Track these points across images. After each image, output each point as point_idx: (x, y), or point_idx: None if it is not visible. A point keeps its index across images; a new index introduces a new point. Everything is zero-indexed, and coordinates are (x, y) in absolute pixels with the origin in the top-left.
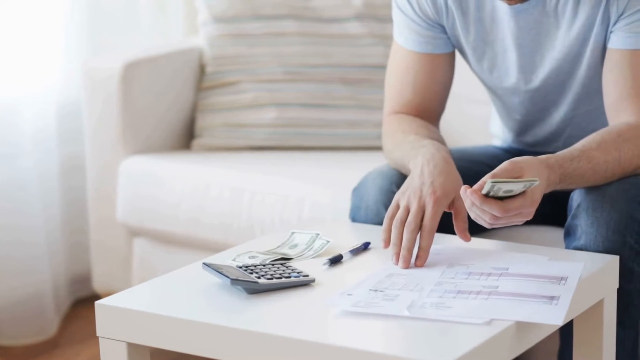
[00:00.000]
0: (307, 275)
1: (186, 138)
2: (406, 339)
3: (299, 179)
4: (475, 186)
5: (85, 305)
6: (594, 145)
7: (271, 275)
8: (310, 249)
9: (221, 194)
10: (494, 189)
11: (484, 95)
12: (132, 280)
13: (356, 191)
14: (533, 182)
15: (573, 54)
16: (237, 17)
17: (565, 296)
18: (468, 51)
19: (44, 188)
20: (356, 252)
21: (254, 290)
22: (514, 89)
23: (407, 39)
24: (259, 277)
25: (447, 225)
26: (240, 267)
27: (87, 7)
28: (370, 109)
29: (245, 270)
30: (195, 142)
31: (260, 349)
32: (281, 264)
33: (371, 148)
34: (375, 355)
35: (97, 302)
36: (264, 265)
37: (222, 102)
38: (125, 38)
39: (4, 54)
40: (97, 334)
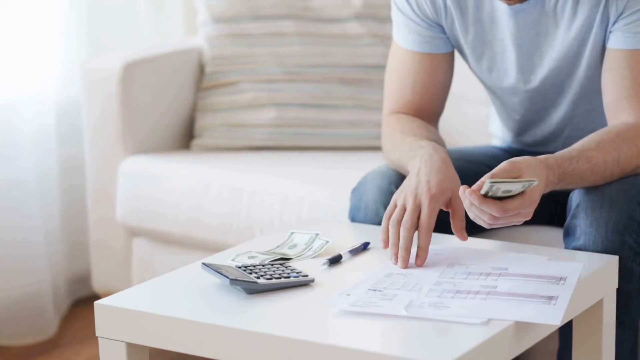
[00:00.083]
0: (307, 276)
1: (186, 138)
2: (405, 339)
3: (298, 179)
4: (474, 186)
5: (84, 305)
6: (593, 145)
7: (270, 275)
8: (309, 249)
9: (221, 194)
10: (493, 189)
11: (484, 95)
12: (131, 281)
13: (355, 191)
14: (532, 182)
15: (572, 54)
16: (237, 17)
17: (564, 296)
18: (467, 51)
19: (44, 188)
20: (355, 252)
21: (254, 290)
22: (513, 89)
23: (407, 39)
24: (258, 277)
25: (447, 225)
26: (240, 267)
27: (87, 7)
28: (370, 109)
29: (245, 271)
30: (195, 142)
31: (260, 349)
32: (280, 264)
33: (370, 148)
34: (374, 355)
35: (96, 302)
36: (263, 266)
37: (221, 102)
38: (125, 38)
39: (3, 54)
40: (97, 334)
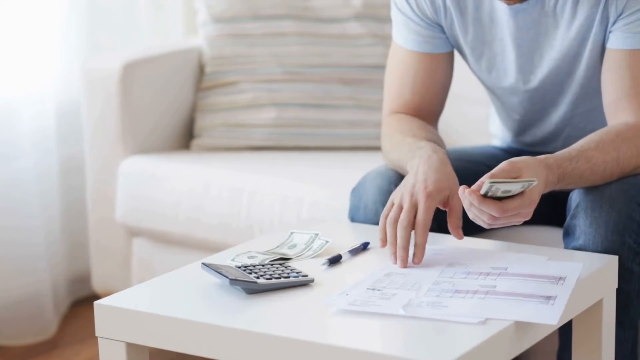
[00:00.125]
0: (306, 275)
1: (185, 138)
2: (405, 339)
3: (298, 179)
4: (474, 186)
5: (84, 305)
6: (593, 145)
7: (270, 275)
8: (309, 249)
9: (220, 194)
10: (492, 189)
11: (483, 95)
12: (131, 280)
13: (355, 191)
14: (531, 183)
15: (572, 54)
16: (237, 17)
17: (562, 296)
18: (466, 51)
19: (43, 188)
20: (355, 252)
21: (253, 290)
22: (512, 88)
23: (406, 39)
24: (258, 277)
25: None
26: (239, 267)
27: (86, 7)
28: (370, 109)
29: (244, 270)
30: (195, 142)
31: (259, 349)
32: (280, 264)
33: (370, 148)
34: (374, 355)
35: (96, 302)
36: (263, 265)
37: (221, 102)
38: (125, 38)
39: (3, 55)
40: (96, 334)
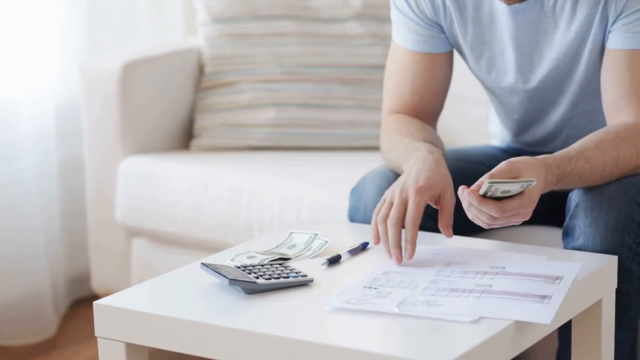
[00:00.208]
0: (306, 276)
1: (185, 138)
2: (404, 339)
3: (297, 179)
4: (473, 186)
5: (84, 305)
6: (592, 145)
7: (269, 275)
8: (308, 249)
9: (220, 194)
10: (492, 189)
11: (483, 95)
12: (130, 280)
13: (354, 191)
14: (530, 183)
15: (571, 54)
16: (236, 17)
17: (558, 296)
18: (466, 51)
19: (43, 188)
20: (355, 252)
21: (253, 290)
22: (512, 88)
23: (406, 39)
24: (257, 277)
25: None
26: (239, 267)
27: (86, 8)
28: (369, 109)
29: (244, 271)
30: (194, 142)
31: (259, 349)
32: (280, 264)
33: (370, 148)
34: (373, 355)
35: (95, 302)
36: (263, 266)
37: (220, 102)
38: (124, 38)
39: (3, 55)
40: (96, 334)
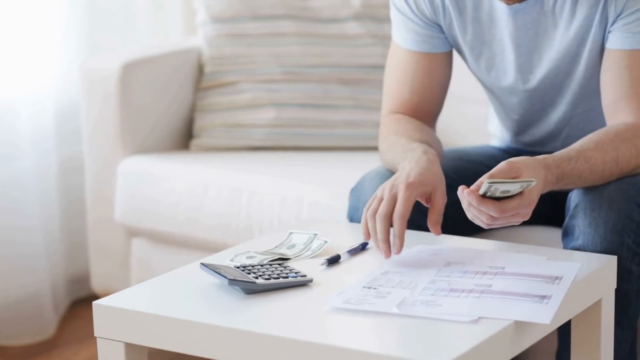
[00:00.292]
0: (305, 276)
1: (185, 138)
2: (404, 339)
3: (297, 179)
4: (473, 186)
5: (83, 306)
6: (592, 146)
7: (269, 275)
8: (308, 249)
9: (219, 194)
10: (491, 190)
11: (482, 95)
12: (130, 281)
13: (354, 191)
14: (530, 183)
15: (571, 54)
16: (236, 17)
17: (557, 296)
18: (465, 50)
19: (42, 188)
20: (354, 252)
21: (252, 290)
22: (511, 88)
23: (405, 38)
24: (256, 277)
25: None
26: (238, 267)
27: (86, 8)
28: (369, 109)
29: (243, 271)
30: (194, 143)
31: (258, 349)
32: (279, 264)
33: (369, 148)
34: (372, 355)
35: (94, 302)
36: (262, 266)
37: (220, 102)
38: (124, 38)
39: (2, 55)
40: (95, 334)
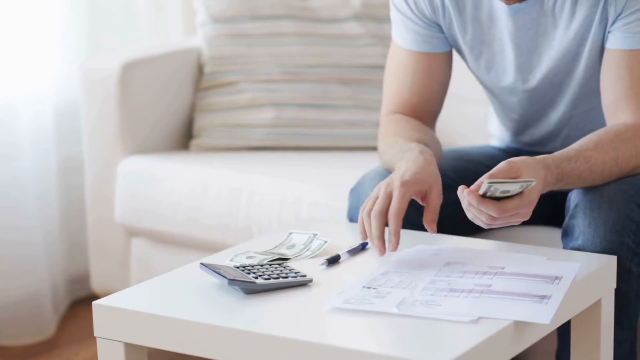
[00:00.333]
0: (305, 276)
1: (184, 138)
2: (403, 339)
3: (297, 179)
4: (473, 186)
5: (83, 306)
6: (592, 146)
7: (269, 275)
8: (308, 249)
9: (219, 194)
10: (491, 190)
11: (482, 95)
12: (130, 281)
13: (354, 191)
14: (530, 183)
15: (571, 54)
16: (235, 17)
17: (557, 296)
18: (465, 50)
19: (42, 188)
20: (354, 253)
21: (252, 290)
22: (511, 88)
23: (405, 38)
24: (256, 277)
25: (446, 226)
26: (238, 267)
27: (86, 8)
28: (368, 109)
29: (243, 271)
30: (194, 142)
31: (258, 349)
32: (279, 264)
33: (369, 148)
34: (372, 355)
35: (94, 302)
36: (262, 266)
37: (220, 102)
38: (124, 38)
39: (2, 55)
40: (95, 334)
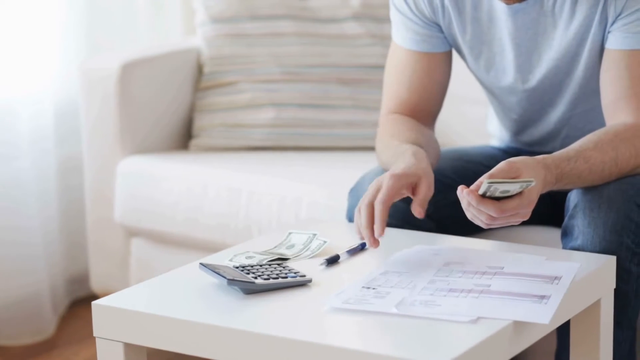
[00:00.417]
0: (304, 276)
1: (184, 138)
2: (403, 339)
3: (296, 179)
4: (472, 186)
5: (83, 306)
6: (591, 146)
7: (268, 275)
8: (307, 249)
9: (219, 194)
10: (491, 190)
11: (482, 96)
12: (129, 281)
13: (353, 191)
14: (530, 183)
15: (570, 54)
16: (235, 17)
17: (556, 296)
18: (465, 50)
19: (42, 188)
20: (353, 253)
21: (251, 290)
22: (511, 88)
23: (405, 38)
24: (255, 278)
25: (446, 226)
26: (237, 268)
27: (85, 8)
28: (368, 109)
29: (242, 271)
30: (193, 143)
31: (257, 349)
32: (278, 264)
33: (368, 148)
34: (371, 355)
35: (94, 303)
36: (261, 266)
37: (219, 102)
38: (123, 38)
39: (2, 55)
40: (94, 334)
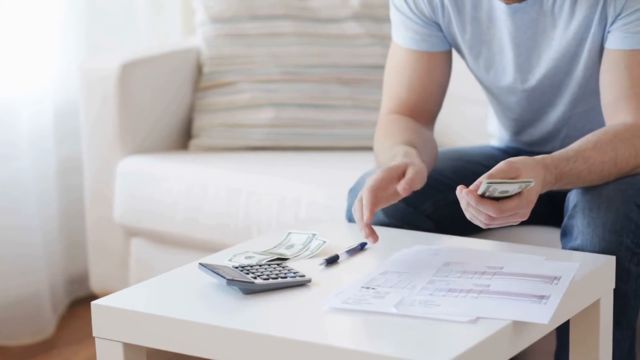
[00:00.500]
0: (304, 276)
1: (183, 138)
2: (402, 339)
3: (295, 179)
4: (472, 186)
5: (82, 306)
6: (590, 146)
7: (267, 275)
8: (306, 249)
9: (218, 194)
10: (490, 190)
11: (481, 96)
12: (129, 281)
13: (353, 191)
14: (529, 183)
15: (570, 54)
16: (235, 17)
17: (555, 296)
18: (464, 50)
19: (41, 188)
20: (353, 253)
21: (250, 290)
22: (510, 88)
23: (404, 37)
24: (255, 278)
25: (446, 226)
26: (237, 268)
27: (85, 8)
28: (368, 109)
29: (242, 271)
30: (193, 143)
31: (256, 349)
32: (277, 264)
33: (368, 148)
34: (371, 355)
35: (93, 303)
36: (260, 266)
37: (219, 103)
38: (123, 38)
39: (2, 55)
40: (94, 334)
